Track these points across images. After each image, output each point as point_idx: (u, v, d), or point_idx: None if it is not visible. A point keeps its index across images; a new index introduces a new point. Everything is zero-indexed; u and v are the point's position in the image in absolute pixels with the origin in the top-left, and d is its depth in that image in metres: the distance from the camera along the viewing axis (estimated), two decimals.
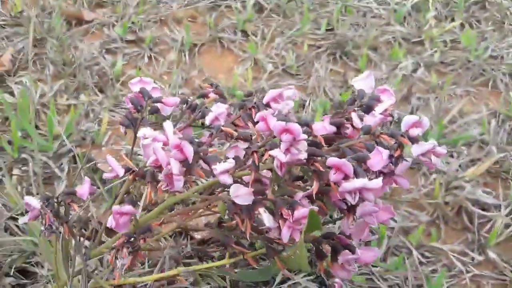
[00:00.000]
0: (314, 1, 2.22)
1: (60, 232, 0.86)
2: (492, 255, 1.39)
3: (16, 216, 1.29)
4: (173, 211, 1.05)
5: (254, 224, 0.84)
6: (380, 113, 0.83)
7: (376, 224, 0.81)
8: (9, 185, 1.35)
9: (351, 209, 0.80)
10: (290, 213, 0.77)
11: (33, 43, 1.86)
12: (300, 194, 0.80)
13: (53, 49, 1.82)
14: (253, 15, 2.10)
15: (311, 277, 1.27)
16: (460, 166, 1.58)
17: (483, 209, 1.48)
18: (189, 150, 0.76)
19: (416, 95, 1.81)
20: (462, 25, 2.18)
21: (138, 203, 0.93)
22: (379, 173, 0.79)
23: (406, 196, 1.50)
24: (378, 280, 1.29)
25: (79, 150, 1.48)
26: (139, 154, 1.36)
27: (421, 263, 1.35)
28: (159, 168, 0.78)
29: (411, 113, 1.73)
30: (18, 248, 1.24)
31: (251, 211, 0.80)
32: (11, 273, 1.19)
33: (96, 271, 1.15)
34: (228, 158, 0.80)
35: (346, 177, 0.74)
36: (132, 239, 0.82)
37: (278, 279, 1.25)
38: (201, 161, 0.80)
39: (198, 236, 1.24)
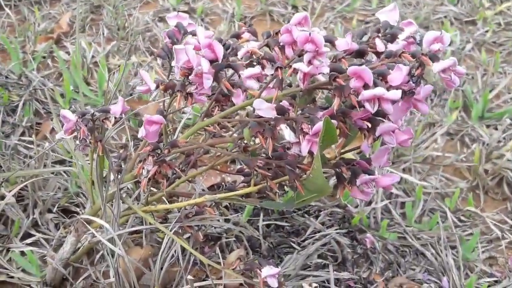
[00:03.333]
0: None
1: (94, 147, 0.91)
2: None
3: (64, 159, 1.35)
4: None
5: (277, 144, 0.87)
6: (403, 40, 0.84)
7: (395, 143, 0.81)
8: (59, 132, 1.41)
9: (371, 129, 0.81)
10: (309, 127, 0.79)
11: (91, 9, 1.95)
12: (321, 113, 0.82)
13: (109, 15, 1.90)
14: None
15: (343, 231, 1.28)
16: (504, 138, 1.56)
17: None
18: (219, 49, 0.80)
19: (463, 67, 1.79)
20: None
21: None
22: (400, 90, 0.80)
23: (445, 161, 1.49)
24: (411, 239, 1.29)
25: (127, 105, 1.54)
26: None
27: (456, 226, 1.34)
28: (190, 70, 0.81)
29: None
30: (63, 188, 1.30)
31: (273, 129, 0.83)
32: (54, 210, 1.25)
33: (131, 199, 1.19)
34: None
35: (366, 86, 0.75)
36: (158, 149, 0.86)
37: (309, 231, 1.27)
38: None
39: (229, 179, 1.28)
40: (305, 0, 2.10)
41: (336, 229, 1.28)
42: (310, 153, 0.80)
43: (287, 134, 0.81)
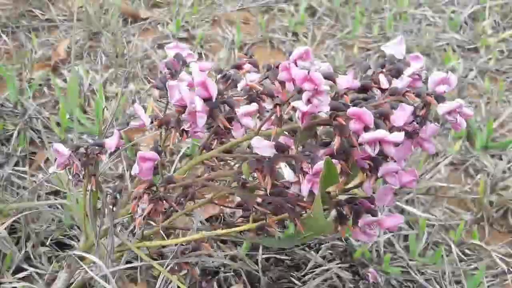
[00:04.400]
0: (368, 7, 2.22)
1: (88, 182, 0.88)
2: None
3: (59, 189, 1.32)
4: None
5: (276, 182, 0.84)
6: (409, 76, 0.81)
7: (398, 185, 0.78)
8: (52, 166, 1.38)
9: (374, 169, 0.78)
10: (310, 166, 0.76)
11: (89, 36, 1.93)
12: (321, 151, 0.79)
13: (107, 42, 1.88)
14: (305, 18, 2.11)
15: (345, 265, 1.24)
16: (509, 169, 1.53)
17: None
18: (213, 87, 0.77)
19: (467, 98, 1.77)
20: None
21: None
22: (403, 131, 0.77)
23: (449, 193, 1.45)
24: (415, 273, 1.25)
25: (124, 134, 1.51)
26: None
27: (461, 260, 1.30)
28: (184, 107, 0.79)
29: None
30: (57, 220, 1.26)
31: (272, 166, 0.80)
32: (47, 244, 1.22)
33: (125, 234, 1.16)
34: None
35: (366, 128, 0.73)
36: (154, 187, 0.83)
37: (310, 265, 1.23)
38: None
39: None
40: (305, 27, 2.08)
41: (337, 263, 1.24)
42: (311, 192, 0.77)
43: (287, 173, 0.78)
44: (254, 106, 0.79)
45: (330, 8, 2.18)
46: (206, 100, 0.79)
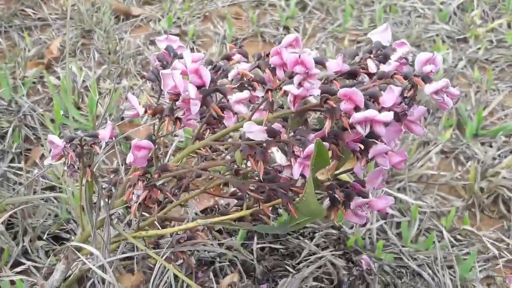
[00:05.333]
0: (358, 0, 2.24)
1: (83, 172, 0.89)
2: None
3: (55, 185, 1.33)
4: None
5: (269, 167, 0.85)
6: (395, 60, 0.83)
7: (388, 166, 0.80)
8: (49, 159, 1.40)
9: (364, 151, 0.79)
10: (301, 149, 0.77)
11: (82, 34, 1.94)
12: (312, 135, 0.80)
13: (100, 40, 1.89)
14: (296, 12, 2.13)
15: (339, 253, 1.26)
16: (499, 155, 1.55)
17: None
18: (206, 74, 0.79)
19: (457, 88, 1.78)
20: (509, 26, 2.15)
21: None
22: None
23: (440, 180, 1.47)
24: (408, 259, 1.27)
25: (118, 129, 1.52)
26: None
27: (452, 245, 1.32)
28: (177, 95, 0.80)
29: None
30: (54, 214, 1.28)
31: (264, 152, 0.81)
32: (44, 238, 1.23)
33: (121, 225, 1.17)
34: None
35: (357, 108, 0.74)
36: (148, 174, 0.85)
37: (304, 253, 1.25)
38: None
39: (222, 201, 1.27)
40: (296, 21, 2.10)
41: (331, 251, 1.26)
42: (302, 176, 0.79)
43: (279, 157, 0.80)
44: (246, 93, 0.80)
45: (320, 2, 2.20)
46: (200, 87, 0.81)
